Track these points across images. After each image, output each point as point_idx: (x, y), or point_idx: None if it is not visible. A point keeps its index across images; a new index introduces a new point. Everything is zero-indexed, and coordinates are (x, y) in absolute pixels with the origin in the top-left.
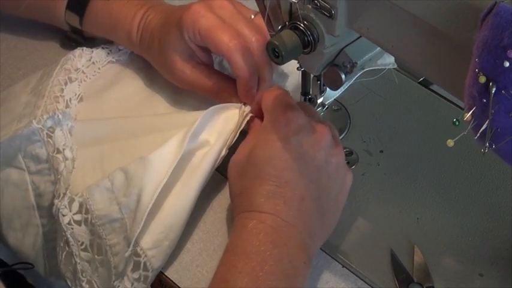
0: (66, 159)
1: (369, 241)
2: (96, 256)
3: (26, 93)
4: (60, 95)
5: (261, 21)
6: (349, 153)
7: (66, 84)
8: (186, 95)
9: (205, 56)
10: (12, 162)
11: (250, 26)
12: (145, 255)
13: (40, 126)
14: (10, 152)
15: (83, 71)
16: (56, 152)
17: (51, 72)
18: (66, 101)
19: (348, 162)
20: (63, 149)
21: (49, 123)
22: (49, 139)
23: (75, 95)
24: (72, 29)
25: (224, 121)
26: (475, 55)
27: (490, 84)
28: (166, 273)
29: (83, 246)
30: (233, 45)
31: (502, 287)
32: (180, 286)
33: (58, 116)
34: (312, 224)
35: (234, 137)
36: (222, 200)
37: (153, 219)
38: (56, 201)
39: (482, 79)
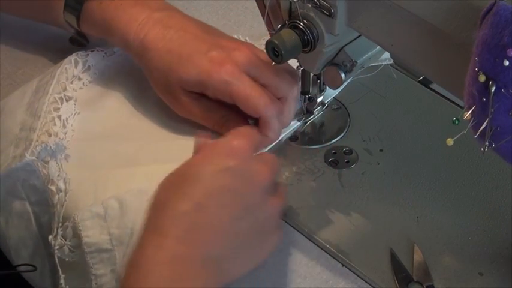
0: (60, 191)
1: (368, 240)
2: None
3: (21, 109)
4: (57, 116)
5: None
6: (348, 152)
7: (62, 102)
8: None
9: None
10: (14, 192)
11: (283, 80)
12: None
13: (34, 157)
14: (10, 182)
15: (79, 77)
16: (50, 183)
17: (47, 88)
18: (63, 120)
19: (347, 162)
20: (57, 180)
21: (42, 154)
22: (43, 170)
23: (72, 114)
24: (76, 31)
25: None
26: (475, 54)
27: (490, 83)
28: None
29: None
30: (270, 112)
31: (502, 286)
32: None
33: (51, 147)
34: (218, 258)
35: None
36: None
37: None
38: (50, 237)
39: (482, 78)
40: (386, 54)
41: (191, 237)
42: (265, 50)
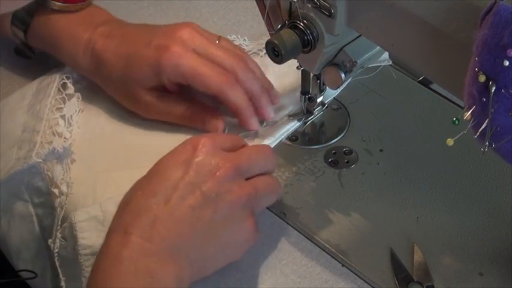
0: (62, 194)
1: (368, 240)
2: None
3: (22, 111)
4: (60, 116)
5: (227, 43)
6: (348, 152)
7: (64, 102)
8: None
9: (176, 86)
10: (17, 194)
11: (229, 54)
12: None
13: (40, 160)
14: (14, 184)
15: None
16: (54, 186)
17: (49, 91)
18: (67, 118)
19: (347, 162)
20: (60, 184)
21: (49, 157)
22: (48, 172)
23: (76, 111)
24: (21, 42)
25: None
26: (475, 54)
27: (490, 83)
28: None
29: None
30: (223, 82)
31: (502, 286)
32: None
33: (58, 150)
34: (186, 250)
35: None
36: None
37: None
38: (49, 241)
39: (482, 78)
40: (385, 55)
41: (155, 231)
42: (264, 51)
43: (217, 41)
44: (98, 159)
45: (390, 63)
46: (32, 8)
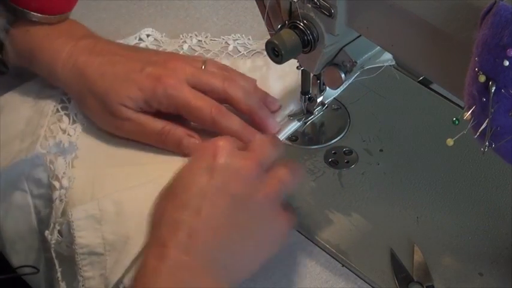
0: (62, 188)
1: (368, 240)
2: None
3: (26, 105)
4: (65, 113)
5: (213, 66)
6: (348, 153)
7: (70, 101)
8: None
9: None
10: (16, 184)
11: (219, 79)
12: None
13: (44, 151)
14: (14, 174)
15: None
16: (54, 178)
17: (54, 91)
18: (72, 116)
19: (347, 162)
20: (62, 177)
21: (54, 149)
22: (51, 165)
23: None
24: None
25: None
26: (475, 54)
27: (490, 83)
28: None
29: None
30: (214, 113)
31: (502, 286)
32: None
33: (64, 145)
34: (224, 258)
35: None
36: None
37: (138, 257)
38: (46, 232)
39: (482, 78)
40: (389, 56)
41: (191, 244)
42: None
43: (203, 67)
44: (98, 156)
45: (393, 63)
46: (6, 23)
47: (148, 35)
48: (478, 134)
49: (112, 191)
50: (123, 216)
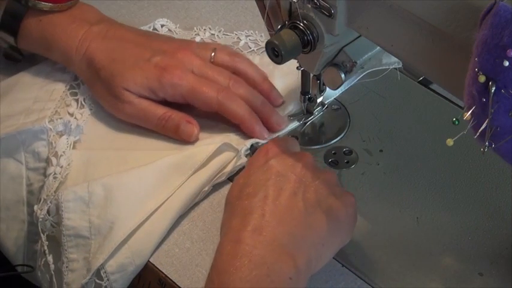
0: (58, 165)
1: (368, 240)
2: (52, 264)
3: (36, 86)
4: (74, 99)
5: (223, 54)
6: (348, 153)
7: (79, 86)
8: None
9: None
10: (13, 154)
11: (224, 75)
12: (108, 279)
13: (51, 126)
14: (13, 143)
15: None
16: (53, 154)
17: (64, 76)
18: (81, 101)
19: (347, 162)
20: (61, 156)
21: (60, 127)
22: (53, 142)
23: (89, 95)
24: (10, 46)
25: (217, 160)
26: (475, 54)
27: (490, 83)
28: (165, 273)
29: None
30: (220, 96)
31: (502, 286)
32: (179, 285)
33: (71, 125)
34: (297, 242)
35: (220, 176)
36: (222, 199)
37: (122, 243)
38: (35, 207)
39: (482, 78)
40: (394, 58)
41: (265, 223)
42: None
43: (212, 54)
44: (99, 140)
45: (400, 65)
46: (18, 12)
47: (162, 25)
48: (478, 134)
49: (105, 175)
50: (111, 201)
